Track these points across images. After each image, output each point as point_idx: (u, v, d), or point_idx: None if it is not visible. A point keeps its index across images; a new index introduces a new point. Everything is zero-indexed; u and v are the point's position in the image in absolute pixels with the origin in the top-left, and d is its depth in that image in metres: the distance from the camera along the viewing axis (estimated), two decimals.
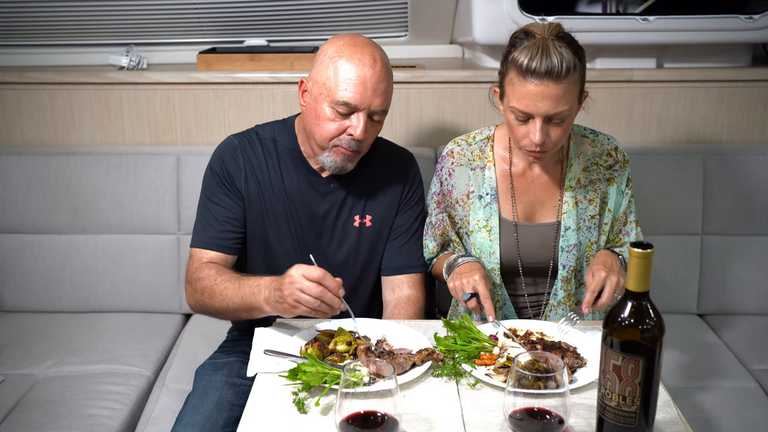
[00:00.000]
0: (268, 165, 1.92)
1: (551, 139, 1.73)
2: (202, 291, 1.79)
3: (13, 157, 2.52)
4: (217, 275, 1.78)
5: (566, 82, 1.66)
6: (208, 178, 1.95)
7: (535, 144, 1.72)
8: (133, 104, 2.62)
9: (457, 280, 1.77)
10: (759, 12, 2.47)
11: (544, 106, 1.67)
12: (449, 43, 2.91)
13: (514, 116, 1.73)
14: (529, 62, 1.65)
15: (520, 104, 1.69)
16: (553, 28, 1.70)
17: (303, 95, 1.87)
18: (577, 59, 1.68)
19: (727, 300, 2.53)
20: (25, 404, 2.02)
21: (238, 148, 1.93)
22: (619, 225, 1.97)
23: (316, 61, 1.83)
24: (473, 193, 1.92)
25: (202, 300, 1.81)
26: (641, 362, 1.18)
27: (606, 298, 1.68)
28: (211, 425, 1.70)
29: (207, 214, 1.92)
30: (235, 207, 1.91)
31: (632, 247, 1.18)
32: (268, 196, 1.92)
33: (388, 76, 1.81)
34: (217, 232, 1.89)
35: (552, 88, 1.66)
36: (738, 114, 2.63)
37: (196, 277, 1.82)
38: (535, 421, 1.25)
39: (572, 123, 1.77)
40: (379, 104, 1.79)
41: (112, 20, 2.72)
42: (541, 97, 1.66)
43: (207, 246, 1.88)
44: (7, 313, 2.56)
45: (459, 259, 1.87)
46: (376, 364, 1.34)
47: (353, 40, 1.80)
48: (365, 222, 1.96)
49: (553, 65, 1.64)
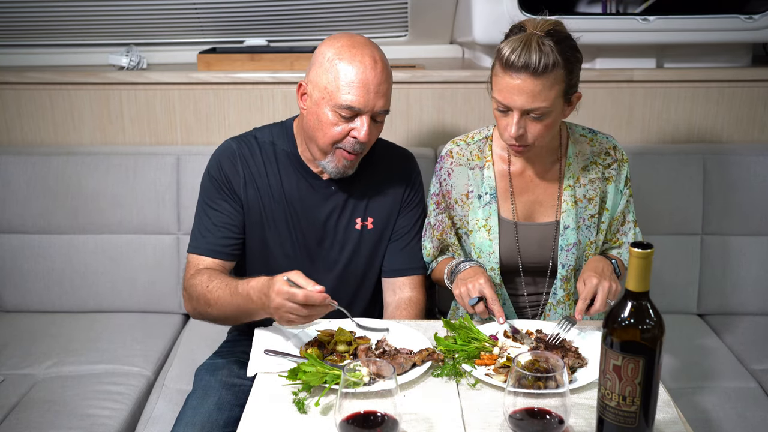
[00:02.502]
0: (267, 169, 1.91)
1: (530, 134, 1.73)
2: (197, 298, 1.79)
3: (13, 157, 2.52)
4: (209, 282, 1.76)
5: (544, 79, 1.66)
6: (206, 183, 1.92)
7: (511, 137, 1.73)
8: (133, 104, 2.62)
9: (462, 287, 1.75)
10: (759, 12, 2.47)
11: (520, 100, 1.68)
12: (449, 43, 2.91)
13: (496, 106, 1.74)
14: (510, 55, 1.66)
15: (499, 96, 1.71)
16: (546, 24, 1.70)
17: (302, 98, 1.84)
18: (561, 58, 1.67)
19: (727, 300, 2.53)
20: (25, 404, 2.02)
21: (236, 152, 1.91)
22: (617, 225, 1.97)
23: (314, 64, 1.80)
24: (472, 193, 1.92)
25: (198, 306, 1.80)
26: (641, 362, 1.18)
27: (599, 305, 1.67)
28: (211, 425, 1.70)
29: (205, 219, 1.90)
30: (233, 213, 1.89)
31: (632, 247, 1.18)
32: (267, 201, 1.90)
33: (388, 77, 1.80)
34: (216, 238, 1.88)
35: (529, 83, 1.66)
36: (738, 114, 2.63)
37: (190, 284, 1.82)
38: (535, 421, 1.25)
39: (556, 121, 1.77)
40: (381, 105, 1.78)
41: (112, 20, 2.72)
42: (518, 91, 1.67)
43: (204, 253, 1.87)
44: (7, 313, 2.56)
45: (461, 264, 1.84)
46: (376, 364, 1.34)
47: (352, 41, 1.78)
48: (367, 225, 1.95)
49: (530, 61, 1.64)
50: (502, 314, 1.70)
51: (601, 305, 1.67)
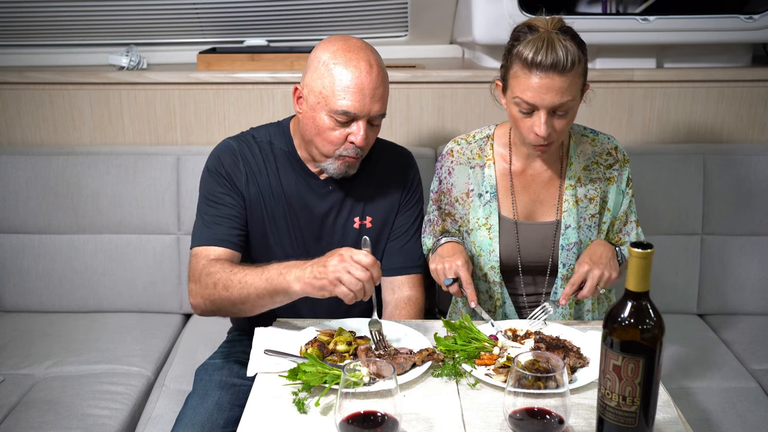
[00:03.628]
0: (266, 168, 1.90)
1: (555, 131, 1.74)
2: (215, 285, 1.70)
3: (13, 157, 2.52)
4: (231, 267, 1.72)
5: (571, 75, 1.68)
6: (206, 179, 1.90)
7: (541, 137, 1.73)
8: (133, 104, 2.62)
9: (439, 263, 1.78)
10: (759, 12, 2.47)
11: (549, 98, 1.68)
12: (449, 43, 2.91)
13: (518, 108, 1.73)
14: (535, 55, 1.66)
15: (525, 95, 1.70)
16: (555, 21, 1.72)
17: (298, 102, 1.83)
18: (580, 52, 1.70)
19: (727, 300, 2.53)
20: (25, 404, 2.02)
21: (237, 150, 1.90)
22: (620, 225, 1.97)
23: (310, 67, 1.79)
24: (473, 192, 1.93)
25: (215, 294, 1.71)
26: (641, 362, 1.18)
27: (587, 291, 1.70)
28: (211, 425, 1.70)
29: (211, 211, 1.86)
30: (237, 206, 1.87)
31: (632, 247, 1.18)
32: (268, 199, 1.90)
33: (385, 80, 1.78)
34: (225, 228, 1.84)
35: (557, 80, 1.67)
36: (738, 114, 2.63)
37: (206, 273, 1.73)
38: (535, 421, 1.25)
39: (575, 115, 1.78)
40: (378, 109, 1.77)
41: (112, 20, 2.72)
42: (547, 89, 1.68)
43: (214, 243, 1.81)
44: (7, 313, 2.56)
45: (442, 239, 1.86)
46: (376, 364, 1.34)
47: (347, 45, 1.76)
48: (365, 223, 1.95)
49: (558, 58, 1.65)
50: (474, 298, 1.73)
51: (588, 292, 1.71)
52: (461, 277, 1.74)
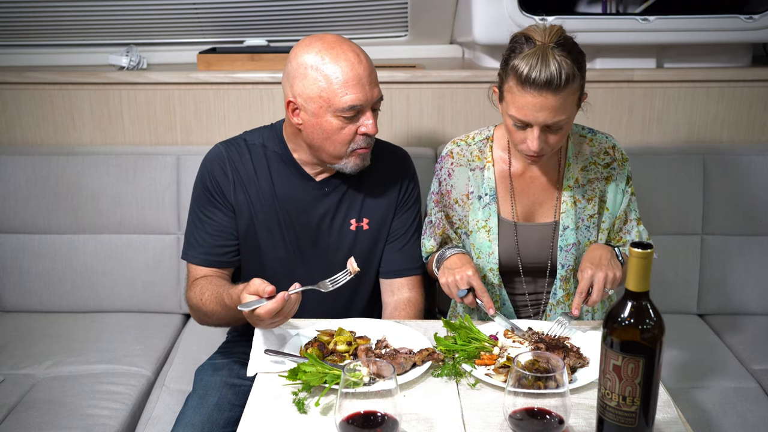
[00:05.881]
0: (257, 172, 1.89)
1: (549, 145, 1.74)
2: (196, 310, 1.86)
3: (13, 157, 2.52)
4: (201, 294, 1.82)
5: (565, 93, 1.65)
6: (198, 190, 1.93)
7: (533, 151, 1.72)
8: (133, 104, 2.62)
9: (449, 276, 1.77)
10: (759, 12, 2.47)
11: (542, 116, 1.67)
12: (449, 43, 2.91)
13: (512, 122, 1.73)
14: (529, 72, 1.63)
15: (518, 113, 1.69)
16: (554, 33, 1.68)
17: (294, 114, 1.79)
18: (576, 68, 1.66)
19: (728, 300, 2.53)
20: (25, 404, 2.02)
21: (225, 157, 1.89)
22: (620, 224, 1.97)
23: (296, 77, 1.75)
24: (473, 194, 1.92)
25: (200, 317, 1.88)
26: (641, 362, 1.18)
27: (596, 296, 1.69)
28: (211, 425, 1.70)
29: (200, 227, 1.90)
30: (226, 219, 1.89)
31: (632, 247, 1.18)
32: (258, 204, 1.89)
33: (372, 63, 1.79)
34: (211, 247, 1.89)
35: (550, 99, 1.65)
36: (738, 114, 2.63)
37: (188, 296, 1.89)
38: (535, 421, 1.25)
39: (570, 128, 1.77)
40: (377, 93, 1.78)
41: (112, 20, 2.72)
42: (540, 107, 1.66)
43: (201, 263, 1.90)
44: (7, 313, 2.56)
45: (447, 251, 1.85)
46: (376, 364, 1.34)
47: (326, 42, 1.75)
48: (362, 225, 1.94)
49: (552, 77, 1.62)
50: (492, 306, 1.72)
51: (597, 296, 1.69)
52: (474, 287, 1.73)
